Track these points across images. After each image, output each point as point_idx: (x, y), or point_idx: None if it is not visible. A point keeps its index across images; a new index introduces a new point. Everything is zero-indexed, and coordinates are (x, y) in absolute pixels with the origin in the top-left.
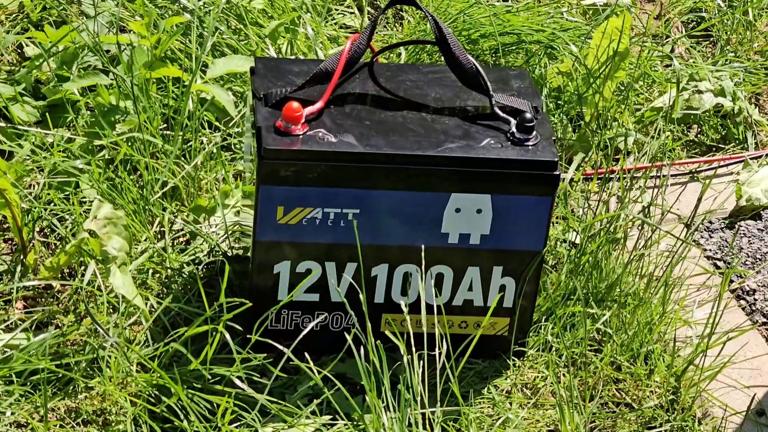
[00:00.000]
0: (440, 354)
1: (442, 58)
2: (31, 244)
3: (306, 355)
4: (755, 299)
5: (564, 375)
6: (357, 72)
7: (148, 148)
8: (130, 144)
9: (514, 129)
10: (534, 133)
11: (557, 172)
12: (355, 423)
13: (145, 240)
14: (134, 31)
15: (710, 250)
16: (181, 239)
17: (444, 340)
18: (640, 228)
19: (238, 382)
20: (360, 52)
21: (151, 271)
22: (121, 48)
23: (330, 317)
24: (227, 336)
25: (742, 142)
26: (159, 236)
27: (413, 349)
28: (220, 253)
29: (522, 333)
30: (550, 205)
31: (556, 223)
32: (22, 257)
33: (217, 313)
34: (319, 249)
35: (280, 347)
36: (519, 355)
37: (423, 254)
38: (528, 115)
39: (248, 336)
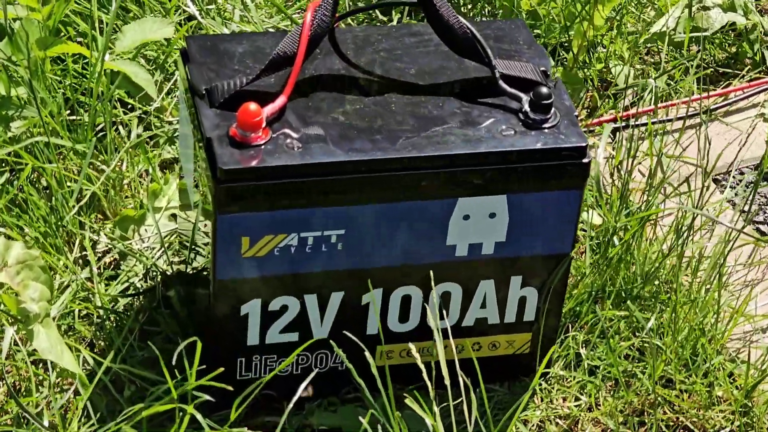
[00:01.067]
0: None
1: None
2: None
3: (286, 405)
4: None
5: (605, 398)
6: (316, 46)
7: (53, 152)
8: (28, 150)
9: (527, 107)
10: (552, 110)
11: (587, 160)
12: None
13: (66, 269)
14: (23, 5)
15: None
16: (108, 260)
17: (455, 368)
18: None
19: None
20: (325, 26)
21: (77, 311)
22: (7, 24)
23: (313, 357)
24: (198, 416)
25: (758, 65)
26: (81, 262)
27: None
28: (158, 273)
29: (546, 350)
30: (579, 198)
31: None
32: None
33: (178, 382)
34: (297, 281)
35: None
36: (544, 375)
37: (428, 273)
38: (544, 90)
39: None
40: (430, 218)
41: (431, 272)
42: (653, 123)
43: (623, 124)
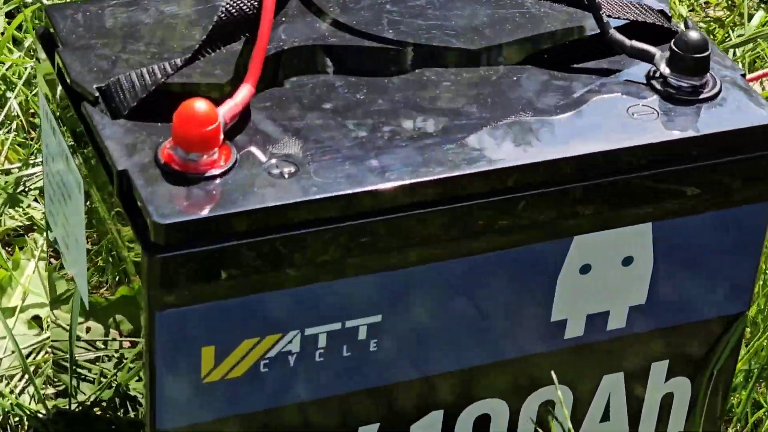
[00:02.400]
0: None
1: None
2: None
3: None
4: None
5: None
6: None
7: None
8: None
9: (664, 69)
10: (707, 74)
11: None
12: None
13: None
14: None
15: None
16: None
17: None
18: None
19: None
20: None
21: None
22: None
23: None
24: None
25: None
26: None
27: None
28: (27, 419)
29: None
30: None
31: None
32: None
33: None
34: (301, 416)
35: None
36: None
37: (517, 376)
38: (694, 36)
39: None
40: (524, 278)
41: (526, 371)
42: None
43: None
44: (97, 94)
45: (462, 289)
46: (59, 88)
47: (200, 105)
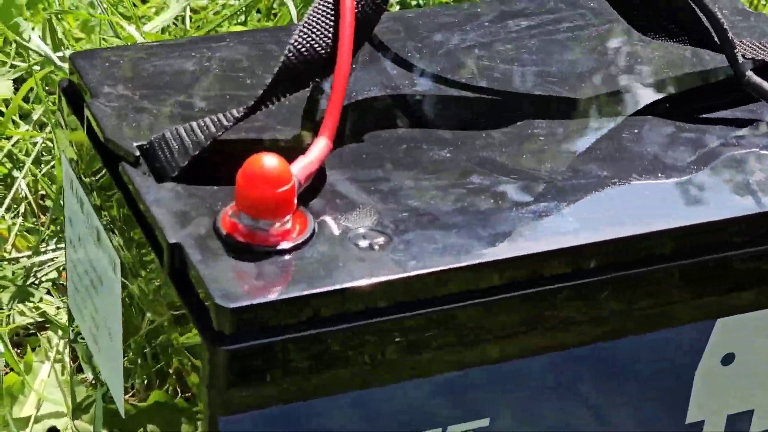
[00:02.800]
0: None
1: None
2: None
3: None
4: None
5: None
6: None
7: None
8: None
9: None
10: None
11: None
12: None
13: None
14: None
15: None
16: None
17: None
18: None
19: None
20: (378, 6)
21: None
22: None
23: None
24: None
25: None
26: None
27: None
28: None
29: None
30: None
31: None
32: None
33: None
34: None
35: None
36: None
37: None
38: None
39: None
40: (656, 371)
41: None
42: None
43: None
44: (138, 153)
45: (582, 385)
46: (89, 148)
47: (271, 161)
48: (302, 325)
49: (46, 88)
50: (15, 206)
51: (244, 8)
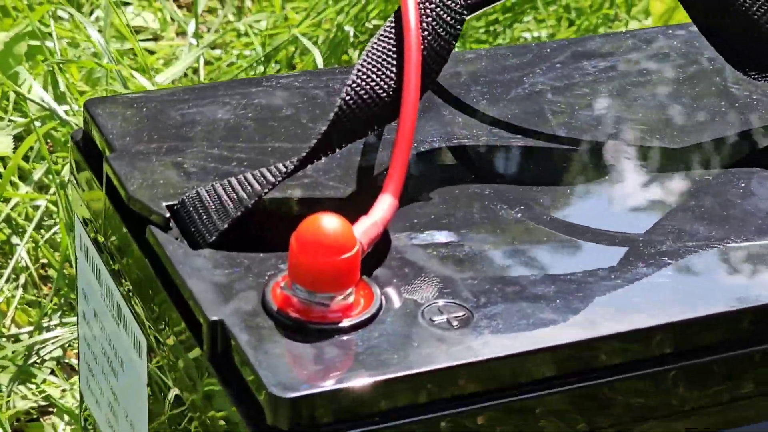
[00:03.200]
0: None
1: None
2: None
3: None
4: None
5: None
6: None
7: None
8: None
9: None
10: None
11: None
12: None
13: None
14: None
15: None
16: None
17: None
18: None
19: None
20: (448, 38)
21: None
22: None
23: None
24: None
25: None
26: None
27: None
28: None
29: None
30: None
31: None
32: None
33: None
34: None
35: None
36: None
37: None
38: None
39: None
40: None
41: None
42: None
43: None
44: (168, 214)
45: None
46: (108, 209)
47: (332, 223)
48: (371, 419)
49: (49, 145)
50: (14, 276)
51: (262, 58)
